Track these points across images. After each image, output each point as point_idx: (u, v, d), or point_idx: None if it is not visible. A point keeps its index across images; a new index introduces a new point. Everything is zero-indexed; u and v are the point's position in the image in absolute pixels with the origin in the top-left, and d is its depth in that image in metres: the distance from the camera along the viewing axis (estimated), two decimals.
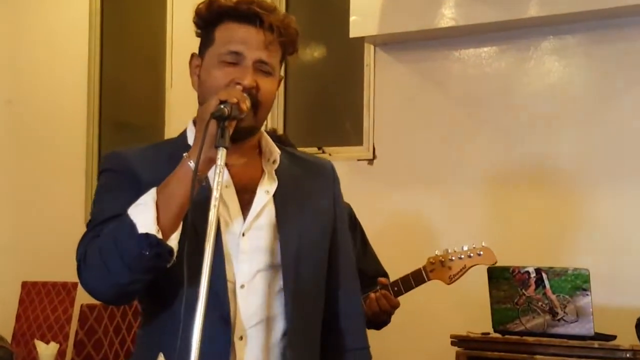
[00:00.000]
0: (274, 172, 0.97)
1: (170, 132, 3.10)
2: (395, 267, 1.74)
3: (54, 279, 2.84)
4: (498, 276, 2.03)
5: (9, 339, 2.43)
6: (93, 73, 3.31)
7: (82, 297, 2.47)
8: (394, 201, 2.52)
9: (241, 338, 0.91)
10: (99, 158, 3.35)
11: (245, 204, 0.95)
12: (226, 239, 0.92)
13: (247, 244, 0.94)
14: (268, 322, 0.94)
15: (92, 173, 3.27)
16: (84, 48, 3.29)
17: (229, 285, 0.91)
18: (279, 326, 0.94)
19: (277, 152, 0.98)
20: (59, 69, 3.34)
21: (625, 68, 2.24)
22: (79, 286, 2.54)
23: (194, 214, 0.80)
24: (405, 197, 2.54)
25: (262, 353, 0.93)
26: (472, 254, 1.70)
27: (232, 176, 0.95)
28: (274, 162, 0.98)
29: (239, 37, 0.91)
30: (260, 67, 0.92)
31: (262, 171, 0.98)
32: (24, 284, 2.90)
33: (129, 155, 0.97)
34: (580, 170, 2.31)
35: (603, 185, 2.26)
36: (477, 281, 1.94)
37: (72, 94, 3.31)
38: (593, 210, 2.26)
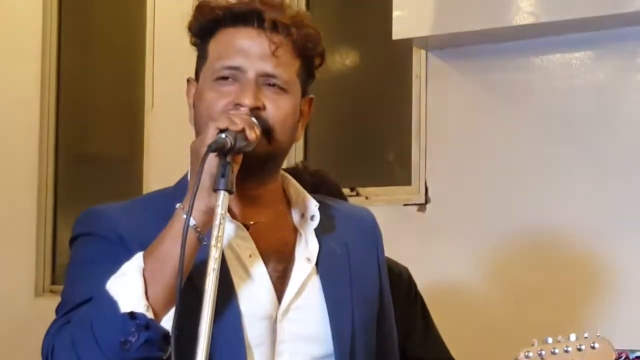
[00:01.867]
0: (314, 232, 0.98)
1: (151, 167, 3.16)
2: (459, 350, 1.83)
3: None
4: None
5: None
6: (47, 88, 3.37)
7: None
8: (453, 260, 2.53)
9: None
10: (54, 204, 3.44)
11: (278, 277, 0.96)
12: (253, 325, 0.92)
13: (287, 331, 0.94)
14: None
15: (45, 226, 3.43)
16: (36, 54, 3.34)
17: None
18: None
19: (314, 203, 0.99)
20: (1, 81, 3.48)
21: None
22: None
23: (195, 284, 0.81)
24: (468, 254, 2.54)
25: None
26: (582, 346, 1.62)
27: (256, 239, 0.95)
28: (312, 217, 0.98)
29: (236, 45, 0.92)
30: (267, 82, 0.93)
31: (296, 230, 0.99)
32: None
33: (112, 213, 0.96)
34: None
35: None
36: None
37: (20, 116, 3.43)
38: None
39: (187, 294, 0.82)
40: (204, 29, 0.96)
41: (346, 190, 2.54)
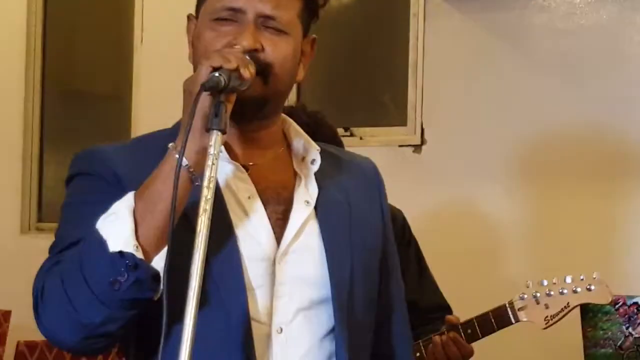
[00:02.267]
0: (314, 176, 0.99)
1: (140, 104, 3.17)
2: (455, 294, 1.87)
3: None
4: (596, 310, 2.02)
5: None
6: (34, 23, 3.36)
7: (19, 333, 2.55)
8: (449, 201, 2.58)
9: None
10: (41, 141, 3.49)
11: (277, 220, 0.97)
12: (252, 267, 0.94)
13: (285, 274, 0.96)
14: None
15: (31, 163, 3.49)
16: None
17: (261, 329, 0.93)
18: None
19: (315, 147, 1.00)
20: None
21: None
22: (12, 317, 2.31)
23: (191, 224, 0.81)
24: (464, 195, 2.61)
25: None
26: (578, 288, 1.70)
27: (255, 181, 0.96)
28: (312, 161, 1.00)
29: None
30: (266, 24, 0.93)
31: (295, 174, 1.00)
32: None
33: (109, 153, 0.97)
34: None
35: None
36: (566, 317, 1.94)
37: (5, 51, 3.44)
38: None
39: (182, 235, 0.82)
40: None
41: (340, 131, 2.53)
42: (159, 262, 0.84)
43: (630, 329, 1.99)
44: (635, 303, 1.97)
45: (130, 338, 0.94)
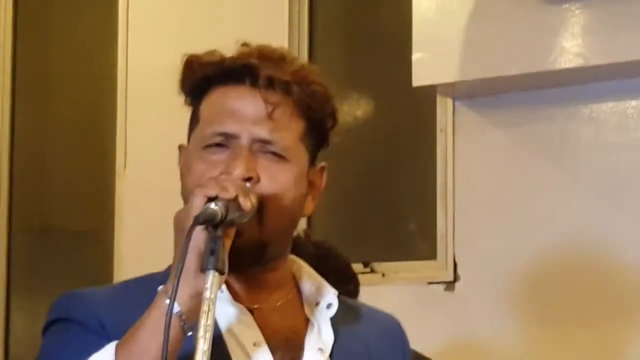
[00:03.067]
0: (329, 321, 0.99)
1: (123, 240, 3.08)
2: None
3: None
4: None
5: None
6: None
7: None
8: (489, 348, 2.43)
9: None
10: (7, 285, 3.37)
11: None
12: None
13: None
14: None
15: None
16: None
17: None
18: None
19: (332, 291, 0.99)
20: None
21: None
22: None
23: None
24: (507, 341, 2.43)
25: None
26: None
27: (261, 326, 0.96)
28: (328, 306, 0.98)
29: (227, 108, 0.94)
30: (263, 149, 0.92)
31: (306, 320, 1.00)
32: None
33: (94, 297, 0.97)
34: None
35: None
36: None
37: None
38: None
39: None
40: (195, 87, 0.97)
41: (358, 267, 2.47)
42: None
43: None
44: None
45: None
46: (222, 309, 0.88)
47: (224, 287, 0.87)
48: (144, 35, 3.20)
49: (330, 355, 0.95)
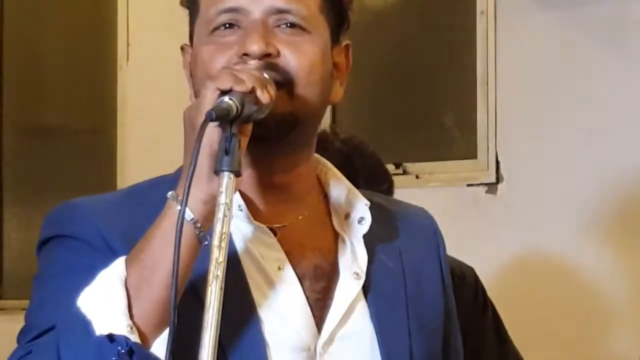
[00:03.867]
0: (362, 240, 0.93)
1: (127, 138, 3.03)
2: None
3: None
4: None
5: None
6: None
7: None
8: (534, 254, 2.41)
9: None
10: None
11: (316, 299, 0.91)
12: (284, 358, 0.89)
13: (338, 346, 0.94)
14: None
15: None
16: None
17: None
18: None
19: (363, 201, 0.93)
20: None
21: None
22: None
23: (199, 297, 0.76)
24: (553, 247, 2.40)
25: None
26: None
27: (286, 248, 0.89)
28: (360, 220, 0.93)
29: None
30: (281, 21, 0.86)
31: (335, 234, 0.94)
32: None
33: (92, 208, 0.92)
34: None
35: None
36: None
37: None
38: None
39: (189, 311, 0.75)
40: None
41: (388, 168, 2.35)
42: (160, 346, 0.78)
43: None
44: None
45: None
46: (240, 228, 0.84)
47: (242, 204, 0.84)
48: None
49: (366, 287, 0.92)
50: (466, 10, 2.57)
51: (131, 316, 0.76)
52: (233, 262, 0.80)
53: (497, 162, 2.48)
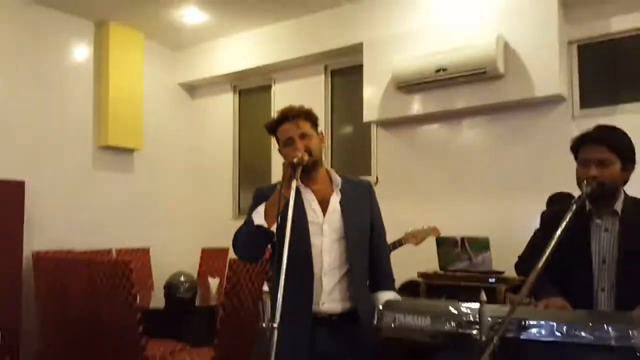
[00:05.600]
0: (338, 190, 1.94)
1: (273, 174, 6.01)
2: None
3: (218, 246, 6.11)
4: (442, 242, 4.57)
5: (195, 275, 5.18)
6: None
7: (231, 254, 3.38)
8: (395, 212, 3.80)
9: (323, 275, 1.93)
10: (238, 179, 6.60)
11: (324, 208, 1.95)
12: (314, 225, 1.91)
13: (327, 227, 1.93)
14: (339, 267, 1.98)
15: (236, 189, 6.62)
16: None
17: (316, 248, 1.94)
18: (344, 268, 1.99)
19: (339, 179, 1.97)
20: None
21: None
22: (229, 249, 5.88)
23: (286, 216, 1.63)
24: (404, 208, 4.68)
25: (335, 283, 1.97)
26: (430, 228, 3.84)
27: (316, 193, 1.95)
28: (338, 185, 1.96)
29: (285, 130, 1.98)
30: (302, 136, 1.95)
31: (332, 190, 1.96)
32: (203, 250, 6.27)
33: (264, 189, 1.97)
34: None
35: None
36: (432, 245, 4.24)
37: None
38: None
39: (282, 217, 1.65)
40: (271, 127, 2.04)
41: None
42: (272, 228, 1.75)
43: (455, 249, 4.59)
44: (455, 239, 5.10)
45: (272, 258, 1.84)
46: (304, 191, 1.94)
47: (301, 184, 1.81)
48: None
49: (339, 202, 1.98)
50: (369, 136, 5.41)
51: (266, 219, 1.83)
52: (299, 201, 1.79)
53: (377, 176, 5.03)
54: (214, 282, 5.10)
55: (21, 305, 4.93)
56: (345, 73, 5.83)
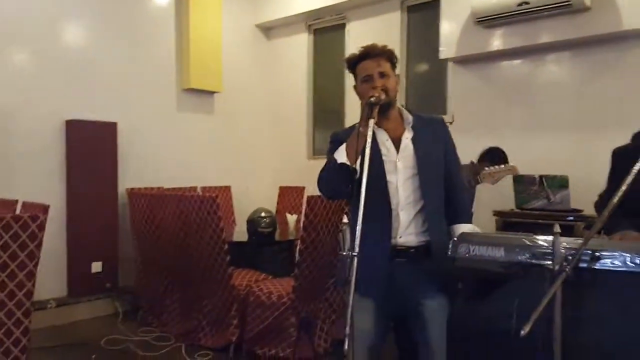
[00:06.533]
0: (410, 128, 1.99)
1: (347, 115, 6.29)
2: None
3: (294, 185, 6.35)
4: (519, 180, 4.67)
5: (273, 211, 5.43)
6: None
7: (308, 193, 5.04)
8: (470, 146, 4.03)
9: (400, 210, 1.98)
10: (313, 122, 6.84)
11: (397, 145, 1.99)
12: (388, 163, 1.95)
13: (401, 164, 1.98)
14: (414, 202, 2.04)
15: (311, 130, 6.85)
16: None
17: (391, 184, 1.99)
18: (420, 204, 2.05)
19: (410, 117, 2.01)
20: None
21: None
22: (305, 188, 6.36)
23: (364, 153, 1.70)
24: (481, 147, 4.28)
25: (411, 217, 2.04)
26: (509, 167, 3.81)
27: (388, 132, 2.02)
28: (409, 123, 2.01)
29: (366, 67, 2.03)
30: (382, 75, 2.00)
31: (404, 128, 2.02)
32: (281, 188, 6.54)
33: (340, 133, 2.06)
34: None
35: None
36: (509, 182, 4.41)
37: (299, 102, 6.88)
38: None
39: (361, 155, 1.73)
40: (353, 63, 2.09)
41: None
42: (355, 165, 1.79)
43: (532, 187, 4.70)
44: (534, 177, 4.98)
45: (352, 195, 1.80)
46: (378, 131, 1.97)
47: (376, 126, 1.79)
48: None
49: (411, 139, 2.02)
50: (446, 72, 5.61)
51: (347, 157, 1.90)
52: (375, 139, 1.78)
53: (453, 115, 5.17)
54: (291, 219, 5.33)
55: (118, 237, 5.32)
56: (421, 8, 5.79)
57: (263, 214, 4.63)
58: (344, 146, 1.98)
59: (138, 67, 5.78)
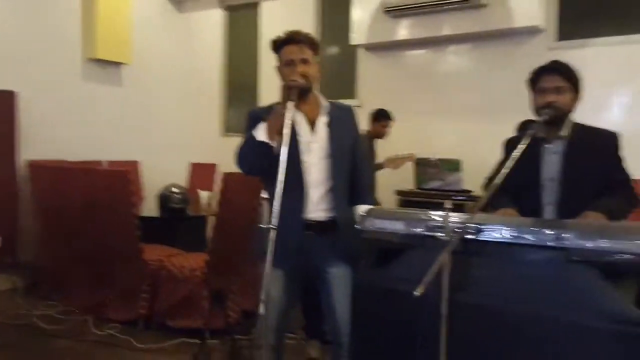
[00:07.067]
0: (326, 113, 2.10)
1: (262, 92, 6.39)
2: None
3: (206, 162, 6.36)
4: (420, 163, 5.26)
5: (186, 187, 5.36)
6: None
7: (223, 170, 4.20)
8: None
9: (311, 187, 2.08)
10: (228, 99, 6.90)
11: (312, 128, 2.11)
12: (304, 144, 2.04)
13: (315, 146, 2.08)
14: (323, 182, 2.14)
15: (225, 110, 6.97)
16: None
17: (305, 164, 2.09)
18: (328, 184, 2.15)
19: (326, 103, 2.14)
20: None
21: None
22: (217, 165, 6.37)
23: (281, 132, 1.81)
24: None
25: (321, 195, 2.14)
26: (408, 155, 4.52)
27: (305, 115, 2.12)
28: (325, 107, 2.13)
29: (289, 52, 2.11)
30: (304, 61, 2.07)
31: (319, 113, 2.14)
32: (192, 164, 6.58)
33: (258, 111, 2.12)
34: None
35: None
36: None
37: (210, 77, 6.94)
38: None
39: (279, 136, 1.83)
40: (277, 45, 2.13)
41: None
42: (273, 143, 1.92)
43: (429, 169, 5.40)
44: (430, 159, 5.59)
45: (268, 175, 1.96)
46: (295, 113, 2.03)
47: (294, 109, 1.87)
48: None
49: (326, 123, 2.13)
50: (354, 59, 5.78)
51: (267, 135, 1.99)
52: (294, 122, 2.01)
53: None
54: (203, 195, 5.39)
55: (18, 211, 5.11)
56: None
57: (175, 190, 4.66)
58: (264, 125, 2.07)
59: (39, 35, 5.57)
